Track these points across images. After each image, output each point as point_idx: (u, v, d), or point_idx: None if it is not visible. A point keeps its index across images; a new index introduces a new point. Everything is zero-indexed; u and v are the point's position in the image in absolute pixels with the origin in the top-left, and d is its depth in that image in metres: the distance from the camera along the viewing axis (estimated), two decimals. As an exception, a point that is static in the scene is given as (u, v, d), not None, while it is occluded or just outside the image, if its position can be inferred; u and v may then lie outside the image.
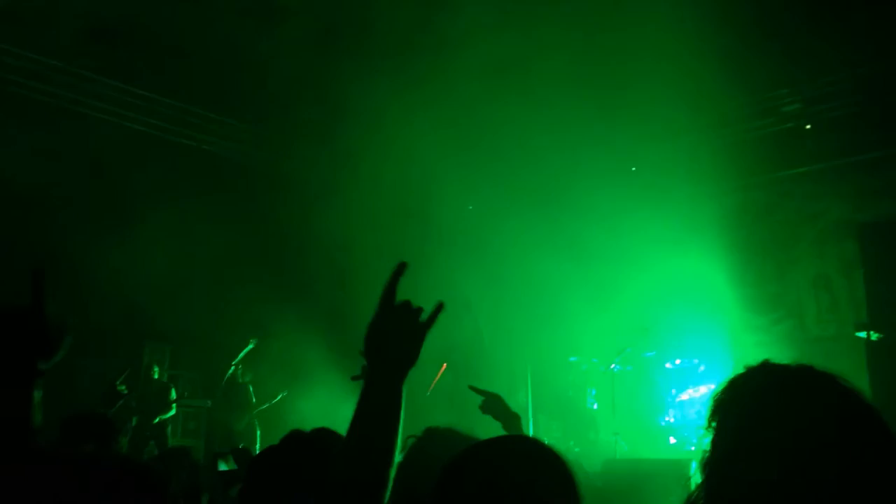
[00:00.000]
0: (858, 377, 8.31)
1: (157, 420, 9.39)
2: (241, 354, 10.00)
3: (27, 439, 1.47)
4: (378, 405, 1.53)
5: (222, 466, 5.35)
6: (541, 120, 8.78)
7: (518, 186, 10.20)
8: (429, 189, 9.67)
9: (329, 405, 9.28)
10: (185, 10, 7.74)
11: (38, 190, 8.18)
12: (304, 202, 9.55)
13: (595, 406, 10.06)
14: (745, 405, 1.30)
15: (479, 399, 3.29)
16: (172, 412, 9.68)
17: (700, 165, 8.96)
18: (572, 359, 10.33)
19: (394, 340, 1.55)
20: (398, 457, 1.55)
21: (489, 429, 3.16)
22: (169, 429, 9.84)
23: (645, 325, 9.31)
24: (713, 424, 1.33)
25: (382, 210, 9.73)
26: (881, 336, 7.92)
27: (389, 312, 1.55)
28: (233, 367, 10.05)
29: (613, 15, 7.44)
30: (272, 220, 10.17)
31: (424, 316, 1.60)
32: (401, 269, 1.56)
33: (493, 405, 3.21)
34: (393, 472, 1.52)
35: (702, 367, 9.53)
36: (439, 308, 1.61)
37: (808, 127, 9.18)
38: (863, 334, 8.06)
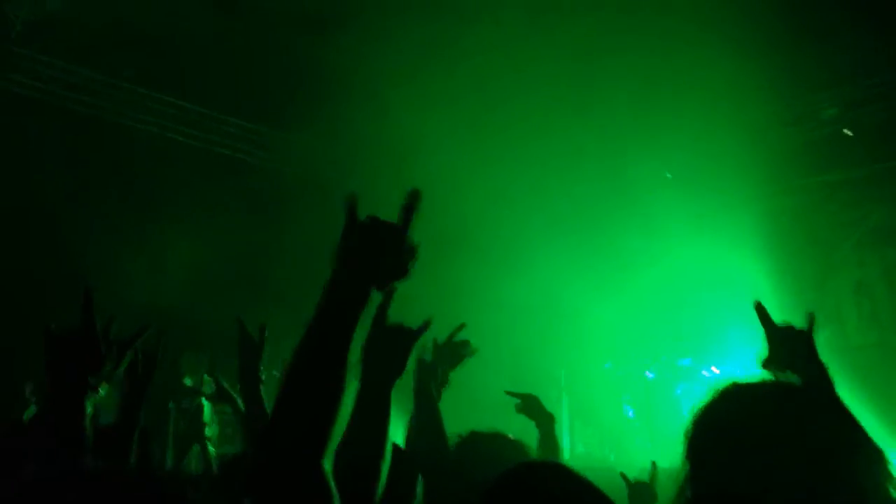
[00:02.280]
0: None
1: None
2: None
3: (82, 454, 1.50)
4: (369, 410, 1.68)
5: None
6: (578, 127, 8.77)
7: (556, 195, 10.16)
8: (466, 201, 9.70)
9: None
10: (216, 19, 7.84)
11: (68, 199, 8.28)
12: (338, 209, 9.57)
13: (631, 414, 9.99)
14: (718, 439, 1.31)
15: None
16: (210, 429, 9.72)
17: (737, 170, 8.85)
18: (607, 365, 10.28)
19: (384, 357, 1.69)
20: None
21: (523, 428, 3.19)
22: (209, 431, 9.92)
23: (680, 334, 9.22)
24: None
25: (417, 219, 9.73)
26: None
27: (381, 333, 1.63)
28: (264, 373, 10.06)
29: (652, 17, 7.42)
30: (309, 225, 10.20)
31: (412, 319, 1.73)
32: (390, 293, 1.59)
33: (529, 406, 3.24)
34: (385, 465, 1.66)
35: (740, 375, 9.41)
36: (426, 326, 1.70)
37: (847, 132, 9.03)
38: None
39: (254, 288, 9.50)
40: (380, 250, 1.42)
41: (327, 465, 1.29)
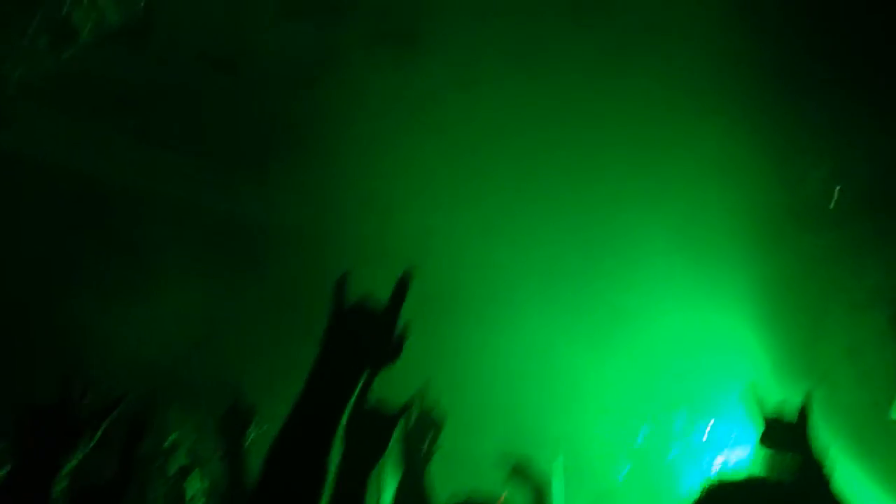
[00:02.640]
0: (892, 450, 8.18)
1: None
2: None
3: None
4: (349, 486, 1.65)
5: None
6: (574, 189, 8.85)
7: (551, 255, 10.20)
8: (457, 259, 9.72)
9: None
10: (211, 76, 7.94)
11: (54, 253, 8.24)
12: (338, 266, 9.56)
13: (623, 475, 9.89)
14: None
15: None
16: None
17: (730, 233, 8.92)
18: (601, 426, 10.19)
19: (364, 441, 1.69)
20: None
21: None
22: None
23: (674, 395, 9.19)
24: None
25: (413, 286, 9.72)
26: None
27: (362, 416, 1.64)
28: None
29: (649, 83, 7.55)
30: (295, 277, 10.15)
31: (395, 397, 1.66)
32: (371, 379, 1.52)
33: (523, 471, 3.21)
34: None
35: (734, 432, 9.37)
36: (406, 408, 1.69)
37: (840, 190, 9.12)
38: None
39: (241, 345, 9.44)
40: (368, 335, 1.39)
41: None
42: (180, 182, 9.91)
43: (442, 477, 3.01)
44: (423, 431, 2.88)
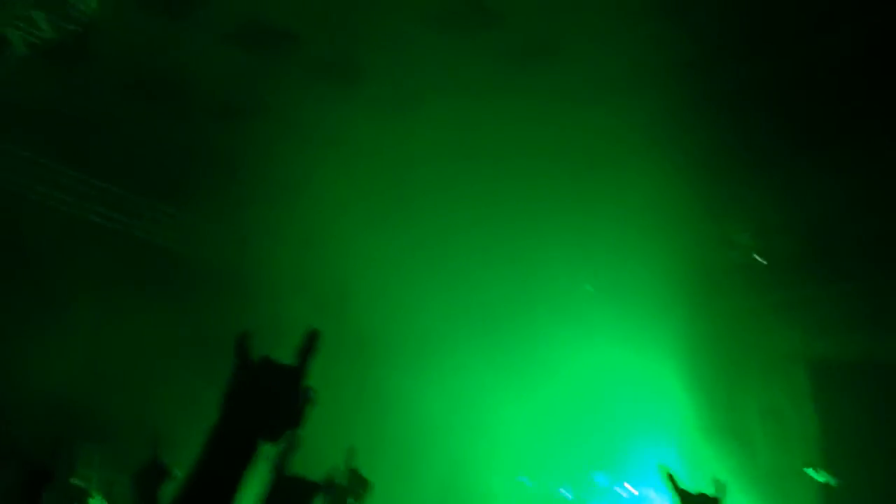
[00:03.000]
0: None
1: None
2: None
3: None
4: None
5: None
6: (494, 239, 8.88)
7: (473, 303, 10.18)
8: (370, 301, 9.63)
9: None
10: (138, 102, 7.78)
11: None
12: (253, 295, 9.37)
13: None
14: None
15: None
16: None
17: (654, 291, 9.03)
18: (521, 478, 10.10)
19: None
20: None
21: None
22: None
23: (597, 448, 9.17)
24: None
25: (328, 307, 9.63)
26: (830, 477, 7.92)
27: (282, 484, 1.57)
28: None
29: (579, 136, 7.65)
30: (212, 311, 9.89)
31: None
32: (294, 442, 1.39)
33: None
34: None
35: (654, 494, 9.38)
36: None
37: (759, 259, 9.35)
38: (811, 471, 8.05)
39: (156, 378, 9.11)
40: (272, 397, 1.29)
41: None
42: (98, 206, 9.63)
43: None
44: (352, 490, 2.78)
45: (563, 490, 9.59)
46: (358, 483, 2.82)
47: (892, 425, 7.64)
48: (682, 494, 2.57)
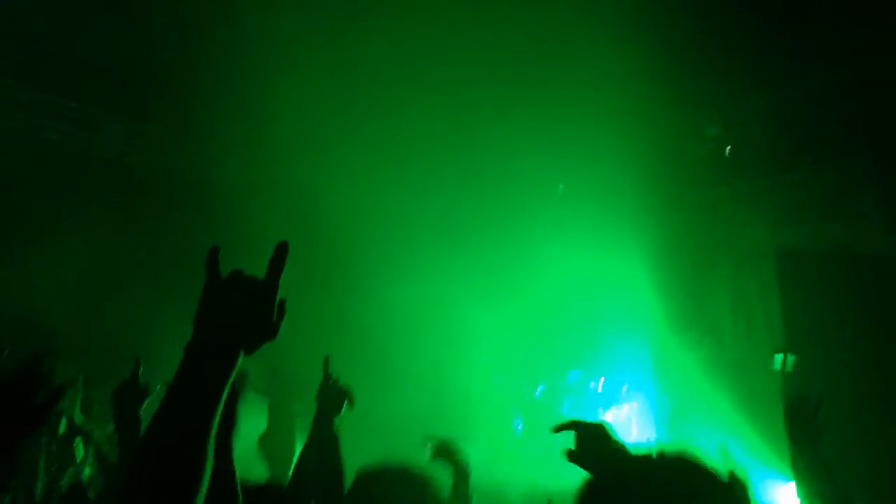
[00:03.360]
0: (774, 401, 8.58)
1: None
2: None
3: None
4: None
5: None
6: (465, 138, 8.83)
7: (446, 204, 10.20)
8: (345, 203, 9.58)
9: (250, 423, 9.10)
10: (102, 16, 7.50)
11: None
12: (223, 211, 9.32)
13: (520, 428, 10.07)
14: None
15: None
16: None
17: (625, 184, 9.08)
18: (496, 378, 10.34)
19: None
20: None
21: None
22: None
23: (569, 346, 9.37)
24: None
25: (301, 220, 9.61)
26: (795, 360, 8.16)
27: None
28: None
29: (543, 29, 7.53)
30: (189, 227, 9.84)
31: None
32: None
33: (445, 450, 3.19)
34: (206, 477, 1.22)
35: (625, 387, 9.67)
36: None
37: (728, 149, 9.39)
38: (779, 356, 8.31)
39: (134, 297, 9.11)
40: (244, 310, 1.28)
41: None
42: (64, 125, 9.41)
43: (349, 442, 2.98)
44: (334, 400, 2.82)
45: (538, 388, 9.86)
46: (340, 393, 2.87)
47: (854, 311, 7.86)
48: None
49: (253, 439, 9.35)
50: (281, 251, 1.33)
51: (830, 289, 8.05)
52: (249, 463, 8.93)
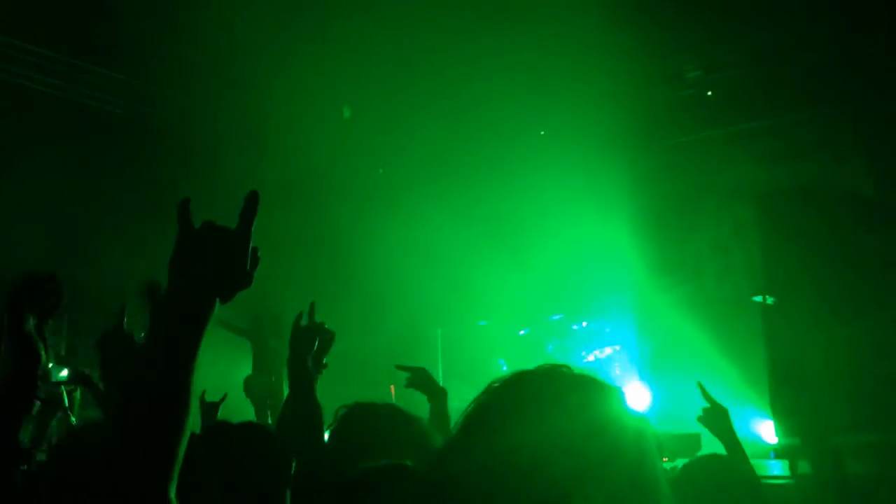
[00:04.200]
0: (754, 339, 8.72)
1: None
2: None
3: None
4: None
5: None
6: (447, 85, 8.78)
7: (427, 150, 10.18)
8: (337, 149, 9.54)
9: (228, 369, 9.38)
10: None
11: None
12: (200, 159, 9.25)
13: (505, 369, 10.20)
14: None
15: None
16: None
17: (604, 129, 9.07)
18: (482, 323, 10.44)
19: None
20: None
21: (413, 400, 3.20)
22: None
23: (551, 290, 9.44)
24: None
25: (284, 171, 9.56)
26: (776, 300, 8.27)
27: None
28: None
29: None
30: (169, 176, 9.74)
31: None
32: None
33: (419, 379, 3.23)
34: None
35: (608, 329, 9.79)
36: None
37: (710, 93, 9.38)
38: (758, 298, 8.41)
39: (120, 245, 9.06)
40: (217, 259, 1.30)
41: (171, 491, 1.18)
42: (42, 75, 9.26)
43: (331, 383, 3.02)
44: (304, 339, 2.83)
45: (521, 331, 9.97)
46: (320, 333, 2.88)
47: (828, 248, 7.95)
48: (711, 401, 2.93)
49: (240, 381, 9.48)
50: (252, 201, 1.34)
51: (809, 228, 8.13)
52: (239, 406, 9.05)
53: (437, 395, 3.19)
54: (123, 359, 2.79)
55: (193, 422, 1.23)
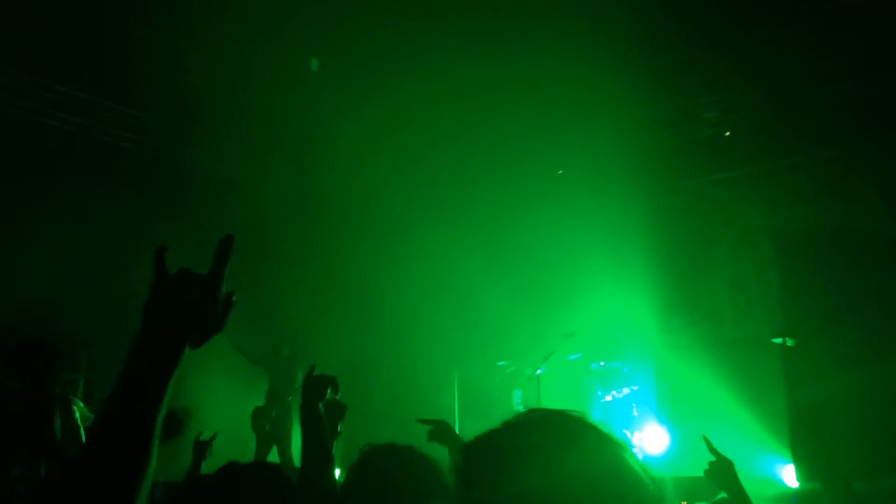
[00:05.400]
0: (773, 378, 8.60)
1: None
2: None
3: None
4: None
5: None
6: (466, 123, 8.84)
7: (445, 189, 10.24)
8: (353, 190, 9.60)
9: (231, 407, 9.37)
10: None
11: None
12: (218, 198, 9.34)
13: (519, 402, 10.13)
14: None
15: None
16: None
17: (623, 170, 9.11)
18: (500, 363, 10.38)
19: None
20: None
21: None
22: None
23: (569, 331, 9.38)
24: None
25: (298, 207, 9.63)
26: (796, 342, 8.19)
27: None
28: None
29: (531, 22, 7.54)
30: (177, 209, 9.81)
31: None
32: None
33: (440, 432, 3.24)
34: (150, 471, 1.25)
35: (625, 369, 9.71)
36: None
37: (727, 134, 9.41)
38: (778, 339, 8.33)
39: (132, 277, 9.10)
40: (187, 306, 1.32)
41: None
42: (55, 111, 9.39)
43: (349, 420, 3.07)
44: (317, 387, 2.89)
45: (538, 370, 9.90)
46: (321, 382, 2.94)
47: (849, 289, 7.89)
48: (717, 454, 2.95)
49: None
50: (225, 245, 1.35)
51: (828, 268, 8.08)
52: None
53: (457, 448, 3.18)
54: None
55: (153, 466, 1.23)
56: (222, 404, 9.16)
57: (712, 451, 3.06)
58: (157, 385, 1.26)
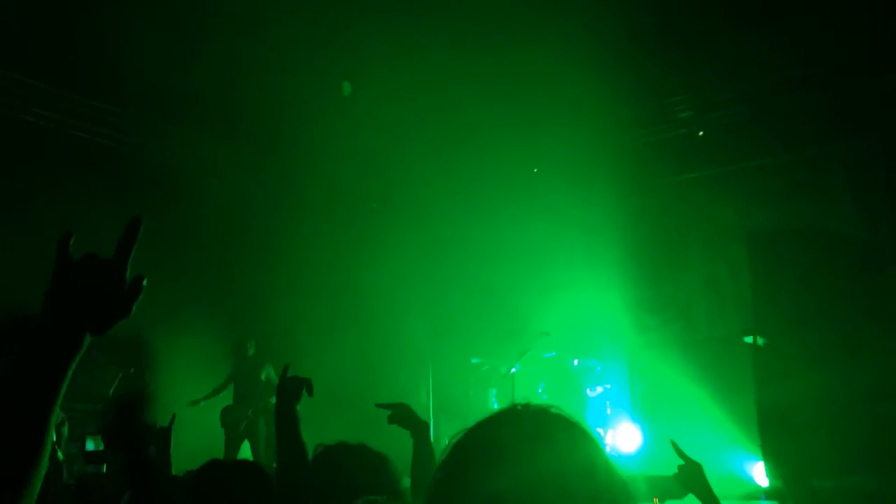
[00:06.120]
0: (745, 377, 8.68)
1: None
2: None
3: None
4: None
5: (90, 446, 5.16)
6: (442, 120, 8.84)
7: (420, 186, 10.22)
8: (328, 186, 9.55)
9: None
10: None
11: None
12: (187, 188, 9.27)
13: (496, 406, 10.14)
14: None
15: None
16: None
17: (598, 168, 9.14)
18: (474, 360, 10.39)
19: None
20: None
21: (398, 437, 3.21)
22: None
23: (544, 329, 9.41)
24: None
25: (273, 204, 9.58)
26: (766, 341, 8.27)
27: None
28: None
29: (508, 19, 7.56)
30: (159, 207, 9.74)
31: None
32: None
33: (401, 415, 3.22)
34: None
35: (599, 367, 9.75)
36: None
37: (701, 133, 9.48)
38: (749, 339, 8.41)
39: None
40: (88, 291, 1.26)
41: None
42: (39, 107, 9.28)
43: (324, 419, 3.07)
44: (292, 391, 2.89)
45: (512, 369, 9.93)
46: (296, 384, 2.94)
47: (820, 289, 7.97)
48: (686, 459, 2.97)
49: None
50: (132, 227, 1.31)
51: (800, 268, 8.16)
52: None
53: (419, 430, 3.19)
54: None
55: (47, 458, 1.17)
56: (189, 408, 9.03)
57: (681, 455, 3.07)
58: (52, 374, 1.20)
